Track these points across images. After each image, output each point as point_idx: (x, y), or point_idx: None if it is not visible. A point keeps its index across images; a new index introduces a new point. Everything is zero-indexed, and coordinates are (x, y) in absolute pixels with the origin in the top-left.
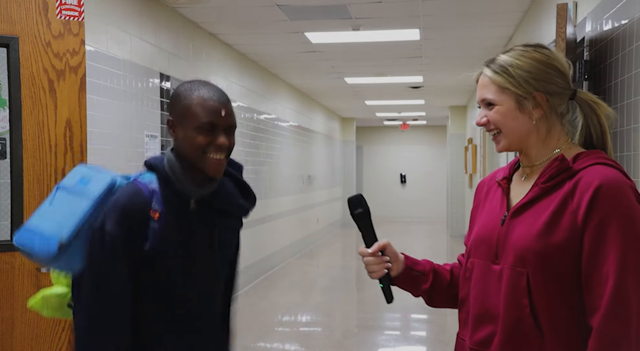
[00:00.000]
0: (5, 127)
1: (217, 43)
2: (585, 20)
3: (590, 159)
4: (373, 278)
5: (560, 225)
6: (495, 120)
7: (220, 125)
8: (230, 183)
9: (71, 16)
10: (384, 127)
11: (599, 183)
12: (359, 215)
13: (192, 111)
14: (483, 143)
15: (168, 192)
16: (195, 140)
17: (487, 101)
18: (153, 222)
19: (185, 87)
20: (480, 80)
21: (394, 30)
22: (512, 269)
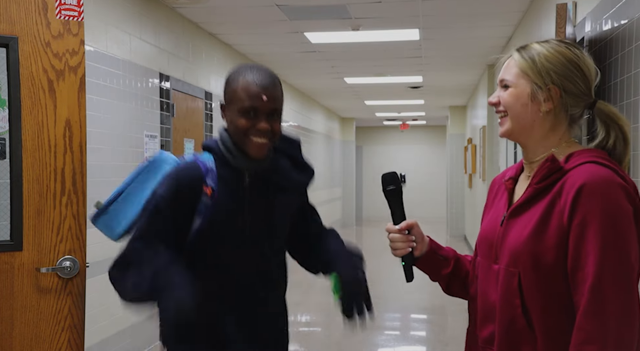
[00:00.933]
0: (4, 127)
1: (217, 43)
2: (585, 20)
3: (582, 158)
4: (396, 256)
5: (550, 226)
6: (506, 102)
7: (262, 110)
8: (284, 159)
9: (71, 16)
10: (383, 127)
11: (582, 182)
12: (391, 192)
13: (237, 95)
14: (483, 144)
15: (223, 169)
16: (238, 123)
17: (505, 82)
18: (206, 196)
19: (235, 71)
20: (506, 63)
21: (394, 30)
22: (506, 269)
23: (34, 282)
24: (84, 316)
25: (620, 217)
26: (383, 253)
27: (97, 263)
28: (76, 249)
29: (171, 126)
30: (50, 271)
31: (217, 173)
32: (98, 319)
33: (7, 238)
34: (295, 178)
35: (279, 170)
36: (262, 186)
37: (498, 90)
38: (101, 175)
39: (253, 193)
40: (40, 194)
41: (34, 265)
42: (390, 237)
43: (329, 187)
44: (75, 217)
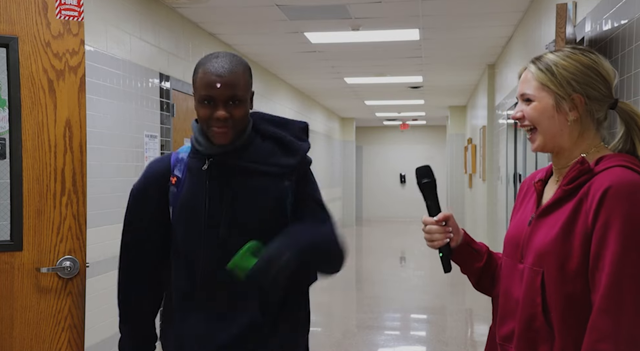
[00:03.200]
0: (4, 127)
1: (217, 43)
2: (585, 20)
3: (612, 161)
4: (433, 248)
5: (576, 228)
6: (531, 117)
7: (219, 98)
8: (267, 144)
9: (71, 16)
10: (383, 127)
11: (609, 185)
12: (426, 184)
13: (196, 85)
14: (483, 144)
15: (193, 158)
16: (199, 113)
17: (527, 96)
18: (172, 186)
19: (200, 61)
20: (524, 76)
21: (394, 30)
22: (530, 268)
23: (34, 282)
24: (84, 316)
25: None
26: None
27: (97, 263)
28: (76, 249)
29: (171, 126)
30: (50, 272)
31: (187, 162)
32: (98, 319)
33: (7, 238)
34: (274, 162)
35: (251, 154)
36: (226, 170)
37: (520, 105)
38: (101, 175)
39: (213, 177)
40: (40, 194)
41: (34, 265)
42: (427, 229)
43: (329, 187)
44: (75, 217)
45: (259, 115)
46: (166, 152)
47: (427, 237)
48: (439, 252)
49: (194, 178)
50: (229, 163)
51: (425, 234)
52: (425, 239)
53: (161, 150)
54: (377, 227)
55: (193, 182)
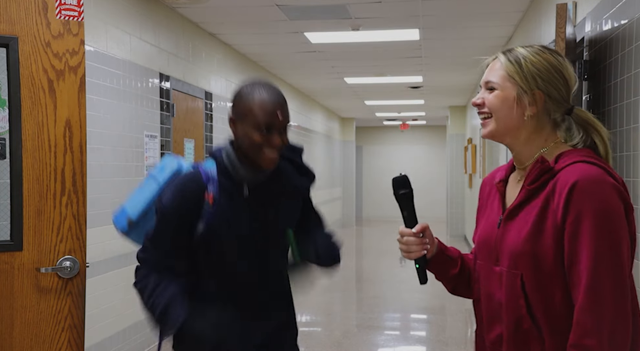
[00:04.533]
0: (4, 127)
1: (217, 43)
2: (585, 20)
3: (572, 157)
4: (409, 259)
5: (546, 226)
6: (491, 104)
7: (277, 126)
8: (288, 166)
9: (71, 16)
10: (383, 127)
11: (574, 181)
12: (404, 195)
13: (252, 111)
14: (483, 144)
15: (224, 179)
16: (253, 138)
17: (491, 84)
18: (207, 204)
19: (247, 88)
20: (492, 64)
21: (394, 30)
22: (508, 271)
23: (34, 282)
24: (84, 316)
25: (612, 214)
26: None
27: (97, 263)
28: (76, 249)
29: (171, 126)
30: (50, 271)
31: (219, 182)
32: (98, 319)
33: (7, 238)
34: (297, 182)
35: (281, 176)
36: (264, 195)
37: (482, 92)
38: (101, 175)
39: (253, 203)
40: (40, 194)
41: (34, 265)
42: (405, 241)
43: (329, 187)
44: (75, 217)
45: None
46: (166, 152)
47: (404, 248)
48: (415, 263)
49: (232, 202)
50: (267, 187)
51: (401, 245)
52: (401, 250)
53: (161, 150)
54: (377, 227)
55: (229, 205)
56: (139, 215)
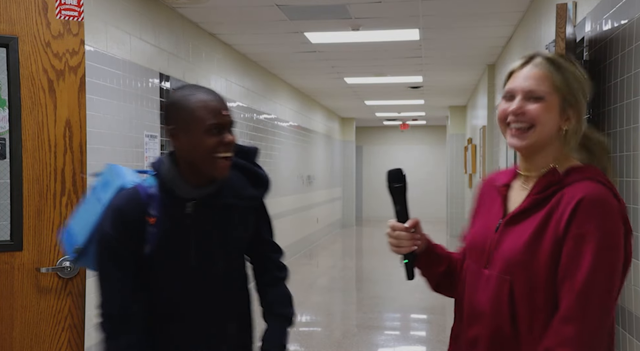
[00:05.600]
0: (4, 127)
1: (217, 43)
2: (585, 20)
3: (582, 174)
4: (399, 253)
5: (545, 237)
6: (536, 115)
7: (225, 124)
8: (237, 175)
9: (71, 16)
10: (383, 127)
11: (581, 197)
12: (397, 189)
13: (196, 116)
14: (483, 144)
15: (165, 196)
16: (205, 143)
17: (536, 94)
18: (150, 226)
19: (180, 94)
20: (533, 71)
21: (394, 30)
22: (497, 276)
23: (34, 282)
24: (84, 316)
25: (614, 235)
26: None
27: None
28: None
29: None
30: (50, 271)
31: (160, 199)
32: None
33: (7, 238)
34: (247, 194)
35: (229, 189)
36: (208, 210)
37: (520, 100)
38: None
39: (197, 220)
40: (40, 194)
41: (34, 265)
42: (395, 235)
43: (329, 187)
44: None
45: None
46: (166, 153)
47: (394, 243)
48: (404, 259)
49: (174, 220)
50: (212, 202)
51: (391, 239)
52: (391, 245)
53: (161, 150)
54: (377, 227)
55: (172, 224)
56: (85, 242)
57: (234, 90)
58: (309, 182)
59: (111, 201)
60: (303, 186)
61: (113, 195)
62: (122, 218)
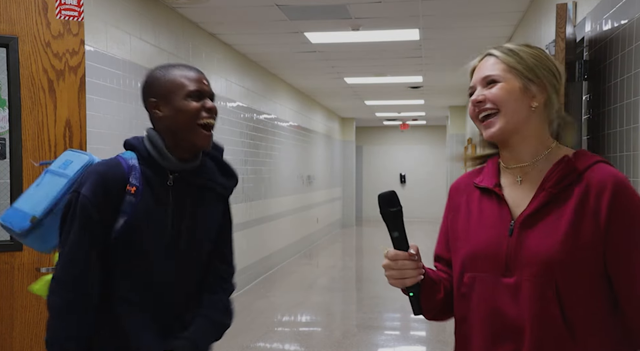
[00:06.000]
0: (4, 127)
1: (217, 43)
2: (585, 20)
3: (588, 158)
4: (403, 286)
5: (583, 230)
6: (497, 97)
7: (206, 92)
8: (211, 163)
9: (71, 16)
10: (383, 127)
11: (613, 184)
12: (394, 214)
13: (177, 83)
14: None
15: (147, 168)
16: (188, 107)
17: (491, 78)
18: (130, 195)
19: (158, 69)
20: (484, 62)
21: (394, 30)
22: (534, 281)
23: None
24: None
25: None
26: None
27: None
28: None
29: None
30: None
31: (141, 171)
32: None
33: (7, 238)
34: (221, 181)
35: (206, 173)
36: (187, 187)
37: (480, 90)
38: None
39: (177, 194)
40: None
41: (34, 265)
42: (399, 265)
43: (329, 187)
44: None
45: None
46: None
47: (397, 275)
48: (408, 292)
49: (155, 191)
50: (192, 179)
51: (393, 272)
52: (393, 277)
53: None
54: (377, 227)
55: (154, 196)
56: (44, 212)
57: (234, 90)
58: (309, 182)
59: (92, 168)
60: (303, 186)
61: (83, 168)
62: (104, 183)
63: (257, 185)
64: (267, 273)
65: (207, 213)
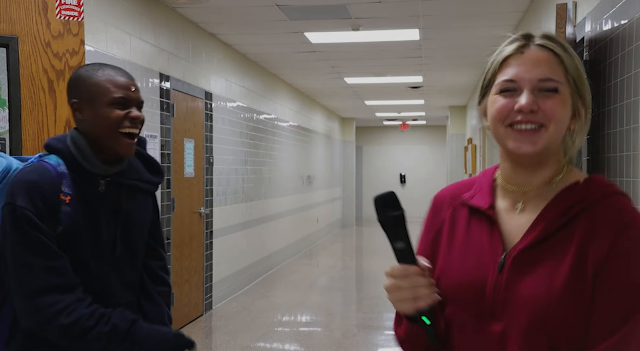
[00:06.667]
0: (4, 127)
1: (217, 43)
2: (585, 20)
3: (604, 187)
4: (416, 309)
5: (586, 274)
6: (555, 112)
7: (133, 100)
8: (136, 160)
9: (71, 16)
10: (383, 127)
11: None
12: (397, 219)
13: (102, 87)
14: (483, 144)
15: (76, 174)
16: (109, 115)
17: (553, 85)
18: (65, 205)
19: (86, 68)
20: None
21: (394, 30)
22: (525, 335)
23: None
24: None
25: None
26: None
27: None
28: None
29: (171, 126)
30: None
31: (71, 178)
32: None
33: None
34: (147, 178)
35: (134, 172)
36: (119, 190)
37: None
38: None
39: (110, 200)
40: None
41: None
42: (412, 282)
43: (329, 187)
44: None
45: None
46: (166, 153)
47: (408, 295)
48: (421, 316)
49: (88, 199)
50: (123, 182)
51: (402, 292)
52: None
53: (161, 150)
54: (377, 227)
55: (87, 204)
56: None
57: (234, 90)
58: (309, 182)
59: (21, 176)
60: (303, 186)
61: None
62: (40, 194)
63: (257, 185)
64: (267, 273)
65: (140, 214)
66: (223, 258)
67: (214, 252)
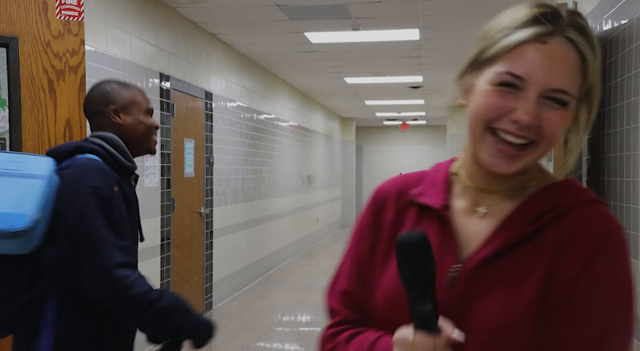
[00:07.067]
0: (4, 127)
1: (217, 43)
2: None
3: (581, 194)
4: None
5: (553, 289)
6: (552, 129)
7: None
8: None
9: (71, 16)
10: (383, 127)
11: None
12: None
13: (138, 99)
14: None
15: (116, 170)
16: (147, 122)
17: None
18: (115, 194)
19: (118, 83)
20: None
21: (394, 30)
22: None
23: None
24: None
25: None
26: None
27: None
28: None
29: (171, 126)
30: None
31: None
32: None
33: None
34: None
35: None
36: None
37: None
38: None
39: (135, 191)
40: None
41: None
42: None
43: (329, 187)
44: None
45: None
46: (166, 153)
47: None
48: None
49: (125, 192)
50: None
51: None
52: None
53: (161, 150)
54: None
55: (125, 196)
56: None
57: (234, 90)
58: (309, 182)
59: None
60: (303, 186)
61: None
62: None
63: (257, 185)
64: (267, 273)
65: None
66: (223, 258)
67: (214, 251)
